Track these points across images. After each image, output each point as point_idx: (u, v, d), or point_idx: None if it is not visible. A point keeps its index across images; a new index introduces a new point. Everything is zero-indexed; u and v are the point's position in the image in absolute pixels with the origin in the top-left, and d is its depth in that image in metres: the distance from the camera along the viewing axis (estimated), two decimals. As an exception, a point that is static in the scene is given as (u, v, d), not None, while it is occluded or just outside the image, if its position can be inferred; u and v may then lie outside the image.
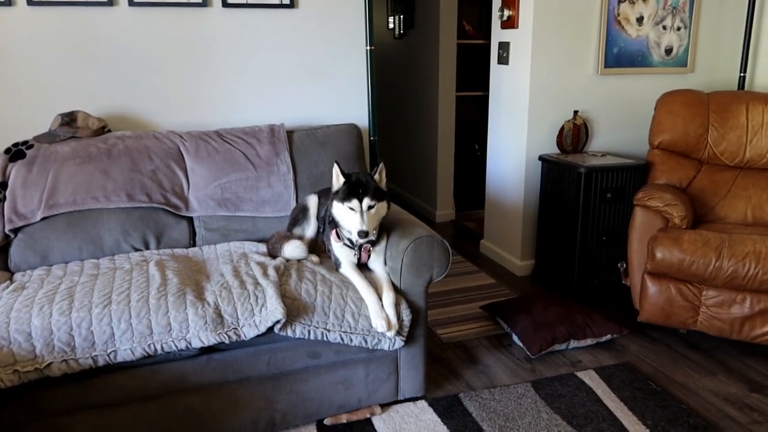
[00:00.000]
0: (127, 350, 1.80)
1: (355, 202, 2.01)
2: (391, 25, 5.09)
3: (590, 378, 2.44)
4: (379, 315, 2.01)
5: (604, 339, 2.70)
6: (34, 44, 2.52)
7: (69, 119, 2.48)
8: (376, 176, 2.11)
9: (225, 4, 2.71)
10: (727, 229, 2.78)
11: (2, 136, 2.48)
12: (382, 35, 5.27)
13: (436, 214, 4.71)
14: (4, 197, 2.30)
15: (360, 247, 2.14)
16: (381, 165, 2.13)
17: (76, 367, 1.77)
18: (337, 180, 2.09)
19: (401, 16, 4.85)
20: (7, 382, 1.71)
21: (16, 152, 2.37)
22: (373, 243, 2.16)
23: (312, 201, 2.39)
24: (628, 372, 2.49)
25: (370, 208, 2.03)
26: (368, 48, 2.90)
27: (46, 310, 1.81)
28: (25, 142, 2.40)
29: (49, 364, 1.74)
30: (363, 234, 2.01)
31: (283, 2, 2.79)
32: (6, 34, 2.48)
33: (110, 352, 1.80)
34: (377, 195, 2.06)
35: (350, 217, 2.04)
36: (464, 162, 5.02)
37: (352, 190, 2.03)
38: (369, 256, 2.17)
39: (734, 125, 3.05)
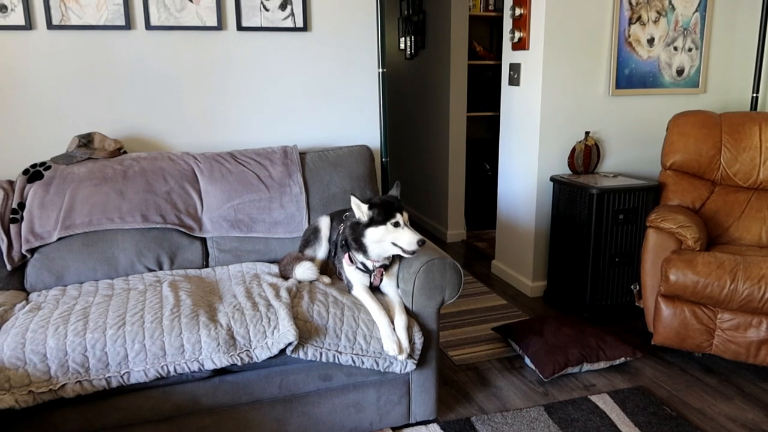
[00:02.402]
0: (140, 372, 1.81)
1: (399, 217, 2.03)
2: (402, 46, 5.15)
3: (604, 402, 2.42)
4: (391, 338, 2.01)
5: (617, 362, 2.68)
6: (53, 67, 2.57)
7: (86, 141, 2.53)
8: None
9: (240, 28, 2.76)
10: (742, 251, 2.76)
11: (21, 157, 2.52)
12: (394, 56, 5.32)
13: (447, 234, 4.71)
14: (22, 218, 2.34)
15: (373, 271, 2.14)
16: (397, 184, 2.19)
17: (89, 389, 1.78)
18: (359, 209, 2.06)
19: (413, 37, 4.90)
20: (22, 403, 1.72)
21: (34, 173, 2.41)
22: (386, 267, 2.16)
23: (324, 223, 2.40)
24: (643, 396, 2.46)
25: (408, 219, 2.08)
26: (380, 70, 2.93)
27: (61, 331, 1.82)
28: (42, 164, 2.44)
29: (64, 385, 1.76)
30: (422, 242, 2.01)
31: (297, 26, 2.84)
32: (26, 57, 2.53)
33: (124, 374, 1.80)
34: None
35: (398, 234, 2.03)
36: (475, 182, 5.03)
37: (388, 208, 2.04)
38: (381, 280, 2.17)
39: (747, 146, 3.04)
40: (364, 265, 2.14)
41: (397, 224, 2.03)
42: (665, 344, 2.68)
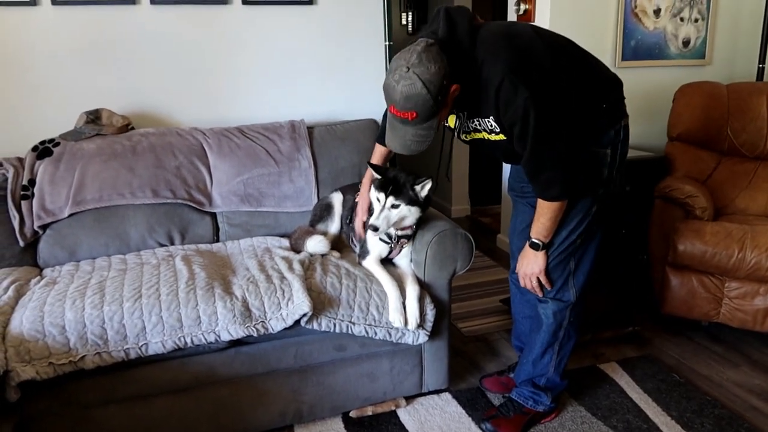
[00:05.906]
0: (158, 343, 1.83)
1: (381, 195, 2.01)
2: (404, 21, 5.10)
3: (613, 370, 2.45)
4: (398, 310, 2.01)
5: (625, 331, 2.71)
6: (58, 43, 2.55)
7: (94, 117, 2.52)
8: (417, 187, 2.04)
9: (245, 2, 2.73)
10: (749, 220, 2.77)
11: (29, 134, 2.51)
12: (396, 31, 5.24)
13: (451, 210, 4.72)
14: (33, 194, 2.34)
15: (394, 240, 2.13)
16: (427, 180, 2.06)
17: (109, 360, 1.80)
18: (375, 174, 2.08)
19: (414, 12, 4.86)
20: (43, 374, 1.74)
21: (43, 150, 2.41)
22: (409, 237, 2.16)
23: (337, 199, 2.40)
24: (651, 364, 2.49)
25: (393, 207, 2.01)
26: (387, 43, 2.91)
27: (79, 304, 1.84)
28: (51, 140, 2.44)
29: (83, 357, 1.77)
30: (373, 228, 2.00)
31: (302, -1, 2.81)
32: (31, 34, 2.51)
33: (142, 345, 1.82)
34: (407, 198, 2.02)
35: (374, 207, 2.04)
36: (479, 157, 5.02)
37: (383, 184, 2.02)
38: (401, 251, 2.17)
39: (754, 117, 3.03)
40: (388, 234, 2.11)
41: (378, 199, 2.02)
42: (673, 313, 2.71)
